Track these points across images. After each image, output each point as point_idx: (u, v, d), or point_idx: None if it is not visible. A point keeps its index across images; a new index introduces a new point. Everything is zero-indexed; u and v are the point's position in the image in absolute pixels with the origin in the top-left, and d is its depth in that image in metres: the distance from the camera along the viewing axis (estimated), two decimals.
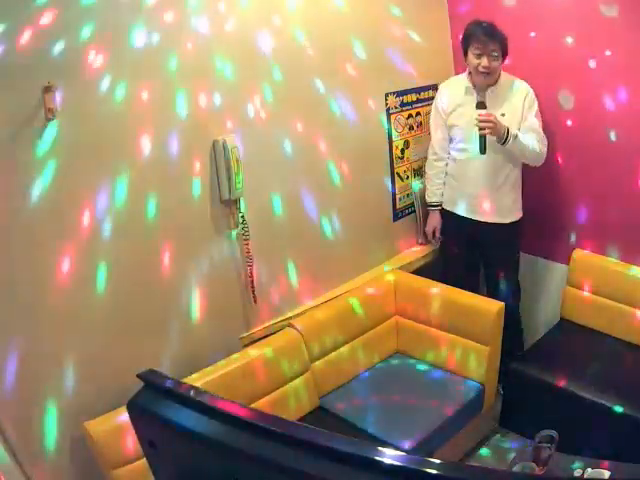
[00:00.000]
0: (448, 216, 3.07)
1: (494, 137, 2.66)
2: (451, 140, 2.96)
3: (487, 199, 2.90)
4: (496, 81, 2.76)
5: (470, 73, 2.81)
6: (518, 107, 2.75)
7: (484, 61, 2.67)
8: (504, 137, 2.65)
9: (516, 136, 2.66)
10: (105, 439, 1.98)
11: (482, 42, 2.65)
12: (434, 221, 3.12)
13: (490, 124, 2.61)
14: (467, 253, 3.08)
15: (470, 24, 2.73)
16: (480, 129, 2.63)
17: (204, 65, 2.27)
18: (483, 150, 2.67)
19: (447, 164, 3.00)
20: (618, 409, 2.44)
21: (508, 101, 2.76)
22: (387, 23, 2.94)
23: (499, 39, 2.66)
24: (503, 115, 2.74)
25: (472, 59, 2.71)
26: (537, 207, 3.05)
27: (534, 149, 2.72)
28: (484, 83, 2.72)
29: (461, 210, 2.99)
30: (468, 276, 3.10)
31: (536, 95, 2.78)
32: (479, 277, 3.19)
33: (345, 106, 2.81)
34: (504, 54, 2.71)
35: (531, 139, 2.71)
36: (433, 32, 3.20)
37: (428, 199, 3.12)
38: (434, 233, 3.14)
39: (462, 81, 2.87)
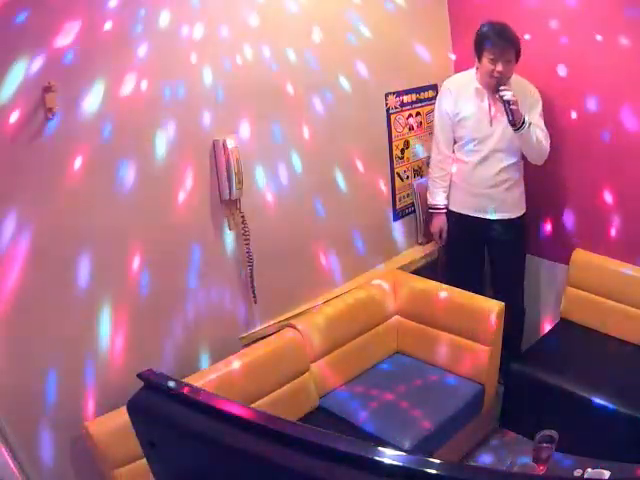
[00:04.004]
0: (456, 218, 3.03)
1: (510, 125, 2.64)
2: (456, 142, 2.93)
3: (496, 197, 2.89)
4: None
5: (479, 72, 2.76)
6: (524, 107, 2.69)
7: (499, 67, 2.62)
8: (521, 121, 2.60)
9: (530, 124, 2.63)
10: (105, 439, 1.98)
11: (498, 48, 2.60)
12: (440, 222, 3.09)
13: (511, 93, 2.57)
14: (473, 254, 3.07)
15: (483, 26, 2.67)
16: (503, 98, 2.58)
17: (204, 65, 2.27)
18: (512, 118, 2.60)
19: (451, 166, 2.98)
20: (618, 409, 2.44)
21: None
22: (387, 23, 2.93)
23: (514, 43, 2.62)
24: None
25: (486, 64, 2.66)
26: (538, 207, 3.06)
27: (541, 143, 2.71)
28: (496, 86, 2.66)
29: (471, 210, 2.96)
30: (473, 277, 3.07)
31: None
32: (482, 278, 3.17)
33: (345, 106, 2.80)
34: (517, 57, 2.66)
35: (539, 132, 2.70)
36: (433, 32, 3.21)
37: (433, 201, 3.08)
38: (440, 234, 3.11)
39: (470, 81, 2.82)
